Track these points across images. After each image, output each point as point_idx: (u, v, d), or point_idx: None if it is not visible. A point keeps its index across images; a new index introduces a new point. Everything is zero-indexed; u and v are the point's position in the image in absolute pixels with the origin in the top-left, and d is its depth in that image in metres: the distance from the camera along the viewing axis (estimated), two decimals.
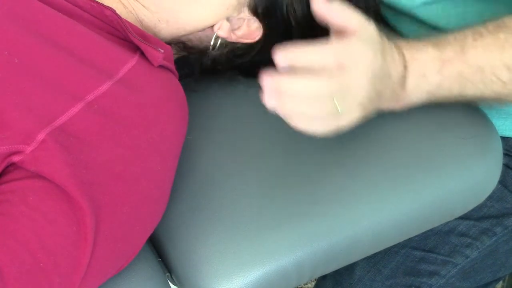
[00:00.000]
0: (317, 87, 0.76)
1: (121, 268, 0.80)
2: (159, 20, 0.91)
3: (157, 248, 0.88)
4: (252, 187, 0.89)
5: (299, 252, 0.84)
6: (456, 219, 1.05)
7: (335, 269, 0.92)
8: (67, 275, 0.71)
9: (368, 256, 1.05)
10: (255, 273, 0.83)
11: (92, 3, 0.83)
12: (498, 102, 0.91)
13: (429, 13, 1.02)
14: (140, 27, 0.90)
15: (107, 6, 0.84)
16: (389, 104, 0.88)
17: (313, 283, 1.66)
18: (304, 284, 1.62)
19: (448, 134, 0.93)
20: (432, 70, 0.86)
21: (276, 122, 0.92)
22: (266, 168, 0.91)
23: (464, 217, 1.06)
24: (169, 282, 0.87)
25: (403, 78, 0.86)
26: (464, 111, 0.95)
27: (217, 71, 1.00)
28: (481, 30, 0.87)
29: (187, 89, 0.89)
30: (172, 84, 0.85)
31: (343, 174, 0.90)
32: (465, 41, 0.86)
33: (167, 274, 0.87)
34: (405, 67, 0.86)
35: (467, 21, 0.99)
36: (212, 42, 0.95)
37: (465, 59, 0.86)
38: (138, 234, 0.79)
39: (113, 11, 0.83)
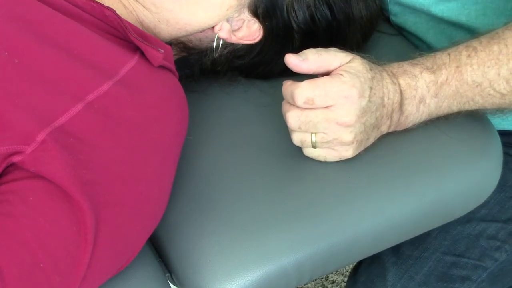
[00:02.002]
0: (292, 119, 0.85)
1: (121, 268, 0.80)
2: (159, 21, 0.91)
3: (157, 248, 0.88)
4: (252, 187, 0.89)
5: (299, 252, 0.84)
6: (484, 222, 1.05)
7: (335, 270, 0.92)
8: (67, 275, 0.71)
9: (399, 262, 1.06)
10: (255, 273, 0.83)
11: (92, 4, 0.84)
12: (499, 111, 0.91)
13: (449, 10, 1.02)
14: (140, 28, 0.90)
15: (107, 6, 0.84)
16: (389, 129, 0.90)
17: (313, 283, 1.66)
18: (304, 284, 1.62)
19: (447, 135, 0.93)
20: (429, 94, 0.88)
21: (276, 123, 0.92)
22: (266, 168, 0.91)
23: (492, 219, 1.06)
24: (169, 282, 0.87)
25: (400, 105, 0.87)
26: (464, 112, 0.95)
27: (217, 71, 1.00)
28: (474, 44, 0.87)
29: (187, 89, 0.89)
30: (172, 84, 0.85)
31: (343, 175, 0.90)
32: (460, 58, 0.87)
33: (167, 274, 0.87)
34: (401, 94, 0.87)
35: (487, 17, 1.00)
36: (214, 44, 0.95)
37: (461, 78, 0.87)
38: (138, 234, 0.79)
39: (113, 12, 0.83)
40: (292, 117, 0.84)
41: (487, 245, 1.07)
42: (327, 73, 0.85)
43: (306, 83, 0.83)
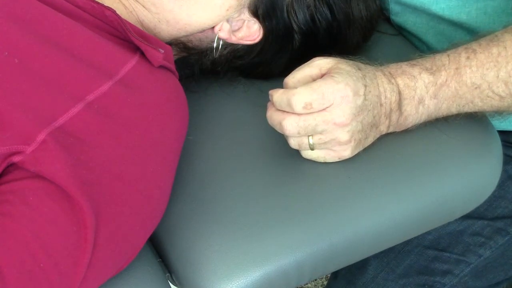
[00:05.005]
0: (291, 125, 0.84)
1: (121, 268, 0.80)
2: (159, 21, 0.91)
3: (157, 248, 0.88)
4: (252, 187, 0.89)
5: (299, 252, 0.84)
6: (470, 219, 1.06)
7: (335, 270, 0.92)
8: (67, 275, 0.71)
9: (381, 255, 1.06)
10: (255, 273, 0.83)
11: (93, 4, 0.84)
12: (497, 114, 0.92)
13: (450, 8, 1.02)
14: (140, 28, 0.90)
15: (107, 6, 0.84)
16: (388, 129, 0.90)
17: (313, 283, 1.66)
18: (304, 284, 1.63)
19: (447, 135, 0.93)
20: (428, 95, 0.88)
21: None
22: (266, 168, 0.91)
23: (478, 217, 1.07)
24: (169, 282, 0.87)
25: (399, 105, 0.87)
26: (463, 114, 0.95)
27: (217, 72, 1.00)
28: (474, 46, 0.88)
29: (187, 89, 0.89)
30: (172, 84, 0.86)
31: (343, 175, 0.90)
32: (459, 60, 0.87)
33: (167, 274, 0.87)
34: (399, 94, 0.87)
35: (488, 16, 1.00)
36: (214, 44, 0.95)
37: (460, 80, 0.87)
38: (138, 234, 0.79)
39: (113, 12, 0.83)
40: (290, 124, 0.84)
41: (471, 241, 1.07)
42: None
43: (302, 89, 0.83)
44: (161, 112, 0.81)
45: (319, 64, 0.86)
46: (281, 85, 0.88)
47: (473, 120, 0.94)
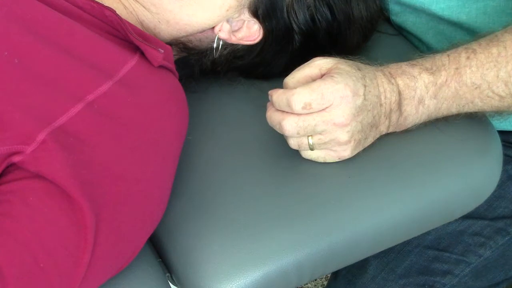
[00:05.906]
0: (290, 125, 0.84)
1: (121, 268, 0.80)
2: (159, 21, 0.91)
3: (157, 248, 0.89)
4: (252, 187, 0.89)
5: (299, 252, 0.84)
6: (470, 219, 1.06)
7: (335, 270, 0.92)
8: (67, 275, 0.71)
9: (381, 255, 1.06)
10: (255, 273, 0.83)
11: (92, 4, 0.84)
12: (497, 114, 0.92)
13: (449, 8, 1.03)
14: (140, 28, 0.90)
15: (107, 6, 0.84)
16: (388, 129, 0.90)
17: (313, 283, 1.66)
18: (304, 284, 1.63)
19: (447, 135, 0.93)
20: (428, 95, 0.88)
21: None
22: (266, 168, 0.91)
23: (478, 217, 1.07)
24: (169, 282, 0.87)
25: (399, 106, 0.87)
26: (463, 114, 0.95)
27: (217, 72, 1.00)
28: (473, 46, 0.88)
29: (187, 89, 0.89)
30: (172, 84, 0.86)
31: (343, 175, 0.90)
32: (459, 60, 0.87)
33: (167, 274, 0.87)
34: (399, 94, 0.87)
35: (488, 16, 1.00)
36: (214, 45, 0.95)
37: (460, 80, 0.87)
38: (138, 234, 0.80)
39: (113, 12, 0.83)
40: (290, 124, 0.84)
41: (471, 241, 1.07)
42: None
43: (301, 89, 0.83)
44: (161, 112, 0.81)
45: (319, 64, 0.86)
46: (281, 85, 0.88)
47: (473, 120, 0.94)
